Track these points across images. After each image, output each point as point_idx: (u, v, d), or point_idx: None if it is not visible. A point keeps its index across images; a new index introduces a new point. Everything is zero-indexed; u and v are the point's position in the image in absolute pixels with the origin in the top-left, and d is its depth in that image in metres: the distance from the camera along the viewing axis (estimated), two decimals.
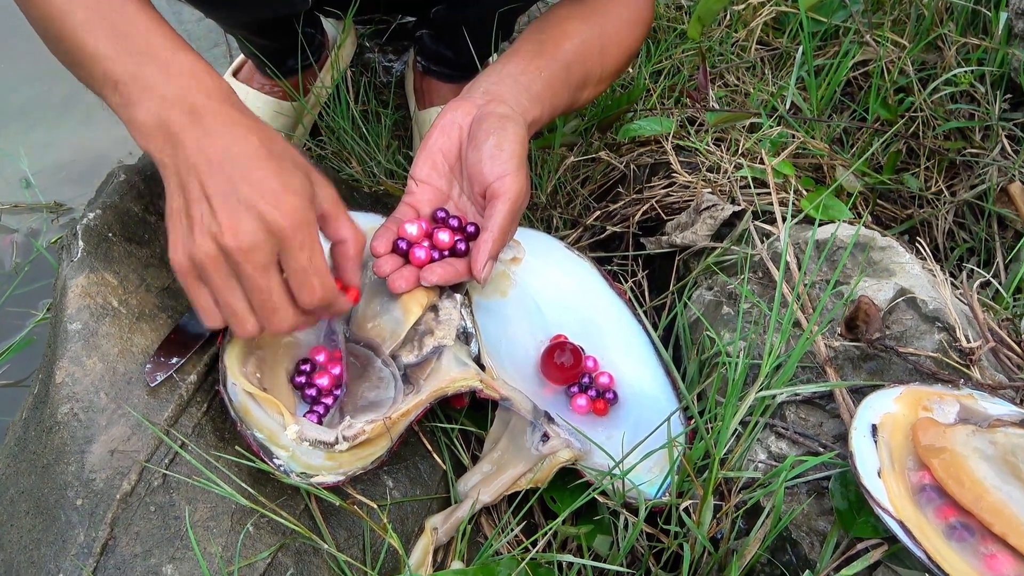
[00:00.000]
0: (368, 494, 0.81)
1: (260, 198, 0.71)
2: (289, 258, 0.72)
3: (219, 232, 0.70)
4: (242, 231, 0.70)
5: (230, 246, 0.70)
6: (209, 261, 0.71)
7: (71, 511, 0.73)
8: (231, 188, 0.71)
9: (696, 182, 1.12)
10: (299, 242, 0.72)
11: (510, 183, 0.83)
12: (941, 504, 0.71)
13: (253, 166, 0.72)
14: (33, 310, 1.27)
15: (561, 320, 0.95)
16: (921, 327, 0.88)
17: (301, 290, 0.73)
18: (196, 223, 0.71)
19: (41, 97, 1.55)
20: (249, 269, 0.71)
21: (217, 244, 0.70)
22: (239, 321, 0.73)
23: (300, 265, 0.72)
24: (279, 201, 0.71)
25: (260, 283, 0.72)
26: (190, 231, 0.71)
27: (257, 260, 0.71)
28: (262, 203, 0.71)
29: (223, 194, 0.71)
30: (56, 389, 0.77)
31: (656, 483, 0.82)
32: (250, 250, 0.70)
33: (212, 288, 0.72)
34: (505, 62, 0.92)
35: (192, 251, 0.71)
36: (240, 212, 0.70)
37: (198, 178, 0.71)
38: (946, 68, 1.30)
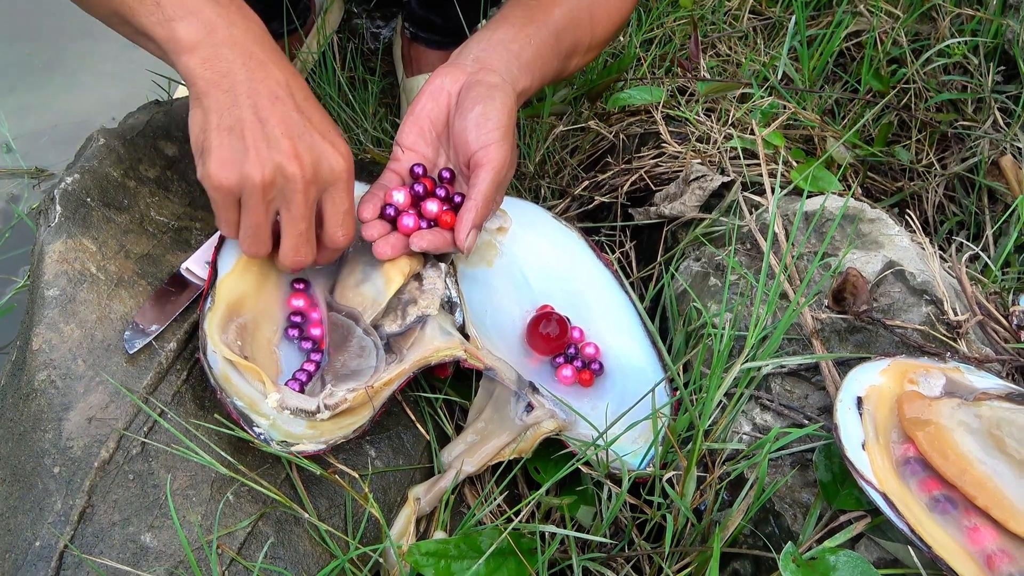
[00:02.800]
0: (350, 463, 0.80)
1: (323, 138, 0.75)
2: (339, 198, 0.77)
3: (283, 157, 0.72)
4: (307, 163, 0.73)
5: (293, 173, 0.73)
6: (262, 181, 0.72)
7: (48, 479, 0.72)
8: (296, 120, 0.74)
9: (685, 152, 1.11)
10: (349, 187, 0.77)
11: (494, 152, 0.82)
12: (925, 477, 0.71)
13: (311, 106, 0.76)
14: (14, 277, 1.26)
15: (547, 290, 0.94)
16: (909, 300, 0.87)
17: (340, 228, 0.78)
18: (254, 144, 0.72)
19: (22, 60, 1.52)
20: (300, 199, 0.74)
21: (277, 167, 0.73)
22: (258, 242, 0.77)
23: (347, 207, 0.78)
24: (339, 143, 0.76)
25: (305, 212, 0.75)
26: (245, 151, 0.72)
27: (311, 193, 0.75)
28: (326, 143, 0.75)
29: (288, 124, 0.73)
30: (33, 356, 0.76)
31: (640, 454, 0.82)
32: (309, 181, 0.74)
33: (249, 206, 0.74)
34: (495, 28, 0.90)
35: (245, 169, 0.72)
36: (304, 145, 0.74)
37: (256, 101, 0.73)
38: (939, 39, 1.29)
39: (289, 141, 0.73)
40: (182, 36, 0.73)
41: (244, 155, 0.72)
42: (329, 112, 1.31)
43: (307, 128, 0.75)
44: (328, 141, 0.75)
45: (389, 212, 0.83)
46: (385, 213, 0.83)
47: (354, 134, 1.31)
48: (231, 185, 0.73)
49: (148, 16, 0.73)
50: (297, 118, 0.74)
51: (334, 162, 0.75)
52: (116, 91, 1.48)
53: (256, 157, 0.72)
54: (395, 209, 0.83)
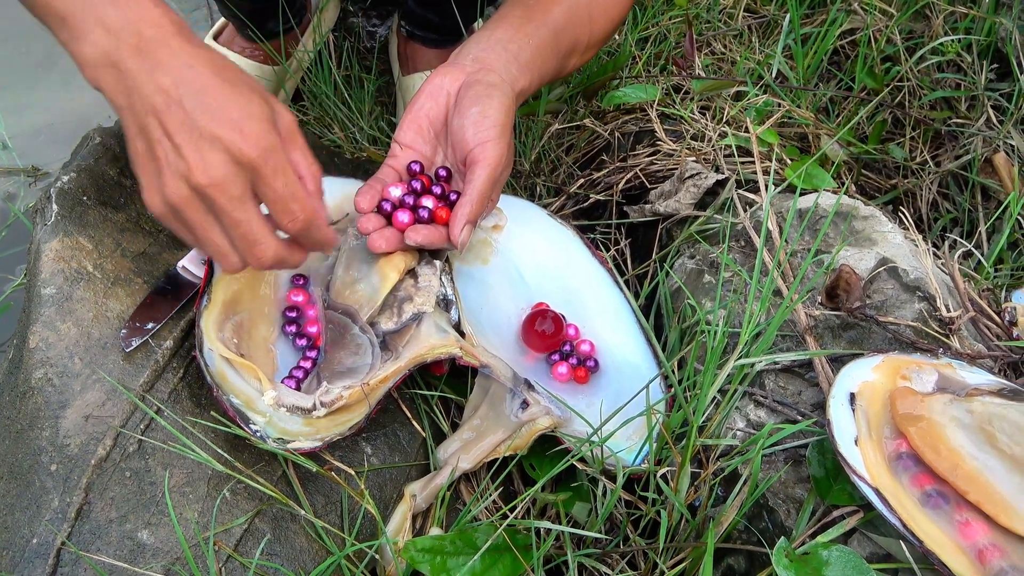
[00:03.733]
0: (346, 461, 0.80)
1: (222, 128, 0.68)
2: (264, 186, 0.70)
3: (187, 171, 0.68)
4: (210, 166, 0.68)
5: (201, 183, 0.68)
6: (183, 202, 0.69)
7: (45, 476, 0.72)
8: (190, 122, 0.68)
9: (680, 150, 1.11)
10: (271, 168, 0.70)
11: (490, 149, 0.82)
12: (917, 472, 0.72)
13: (209, 96, 0.69)
14: (10, 275, 1.26)
15: (543, 288, 0.95)
16: (902, 296, 0.88)
17: (283, 216, 0.72)
18: (163, 164, 0.68)
19: (17, 58, 1.52)
20: (223, 203, 0.69)
21: (188, 183, 0.68)
22: (222, 257, 0.72)
23: (277, 192, 0.71)
24: (242, 129, 0.69)
25: (237, 216, 0.70)
26: (158, 174, 0.69)
27: (231, 193, 0.69)
28: (225, 133, 0.68)
29: (184, 130, 0.68)
30: (30, 354, 0.76)
31: (635, 450, 0.82)
32: (221, 184, 0.68)
33: (191, 228, 0.71)
34: (493, 27, 0.90)
35: (165, 194, 0.69)
36: (204, 146, 0.68)
37: (155, 116, 0.68)
38: (933, 37, 1.29)
39: (188, 149, 0.68)
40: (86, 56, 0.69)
41: (159, 178, 0.69)
42: (325, 111, 1.32)
43: (204, 126, 0.68)
44: (228, 130, 0.69)
45: (385, 207, 0.84)
46: (381, 208, 0.84)
47: (350, 133, 1.31)
48: (164, 211, 0.70)
49: (58, 33, 0.70)
50: (189, 121, 0.68)
51: (238, 152, 0.68)
52: None
53: (168, 177, 0.69)
54: (391, 204, 0.84)
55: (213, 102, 0.69)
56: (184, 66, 0.69)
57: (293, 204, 0.71)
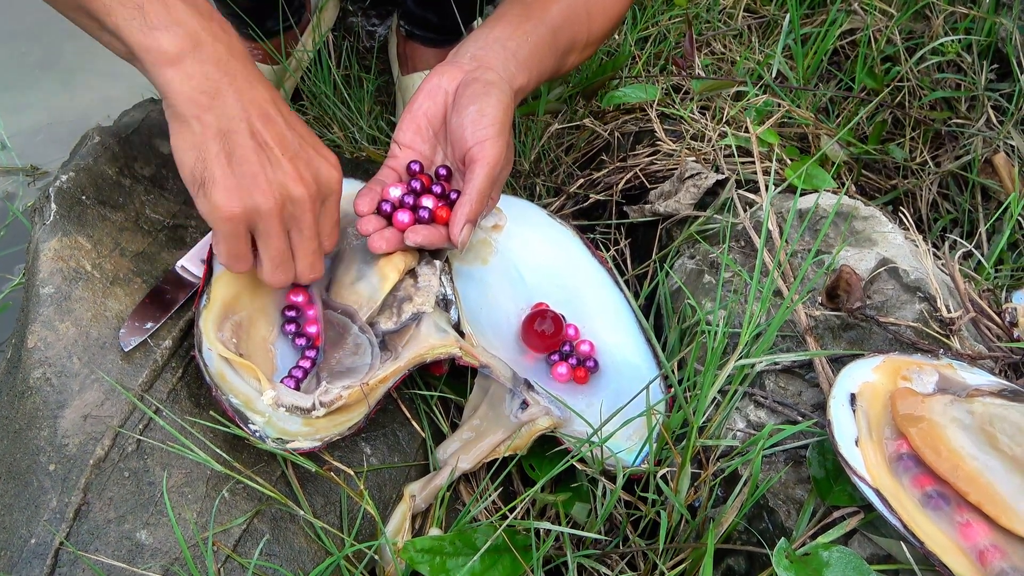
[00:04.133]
0: (345, 461, 0.80)
1: (316, 152, 0.75)
2: (331, 209, 0.78)
3: (289, 181, 0.72)
4: (310, 181, 0.74)
5: (301, 196, 0.73)
6: (275, 208, 0.72)
7: (44, 476, 0.72)
8: (291, 139, 0.74)
9: (680, 150, 1.11)
10: (336, 197, 0.78)
11: (489, 148, 0.82)
12: (918, 473, 0.71)
13: (295, 120, 0.76)
14: (9, 275, 1.25)
15: (543, 288, 0.94)
16: (902, 297, 0.87)
17: (330, 240, 0.79)
18: (259, 170, 0.71)
19: (16, 58, 1.52)
20: (309, 219, 0.75)
21: (285, 193, 0.72)
22: (286, 269, 0.76)
23: (336, 217, 0.79)
24: (329, 155, 0.77)
25: (315, 230, 0.76)
26: (252, 178, 0.71)
27: (316, 210, 0.75)
28: (319, 158, 0.75)
29: (285, 144, 0.73)
30: (28, 354, 0.76)
31: (635, 451, 0.82)
32: (314, 200, 0.75)
33: (268, 234, 0.74)
34: (492, 26, 0.90)
35: (256, 198, 0.71)
36: (303, 163, 0.74)
37: (250, 124, 0.71)
38: (933, 37, 1.29)
39: (290, 162, 0.73)
40: (166, 47, 0.69)
41: (252, 182, 0.71)
42: (324, 110, 1.32)
43: (302, 145, 0.74)
44: (321, 155, 0.76)
45: (385, 208, 0.84)
46: (381, 209, 0.84)
47: (350, 132, 1.31)
48: (243, 214, 0.71)
49: (128, 20, 0.69)
50: (290, 136, 0.74)
51: (328, 176, 0.76)
52: (111, 89, 1.47)
53: (265, 183, 0.71)
54: (391, 205, 0.84)
55: (299, 125, 0.76)
56: (271, 89, 0.75)
57: (337, 229, 0.80)
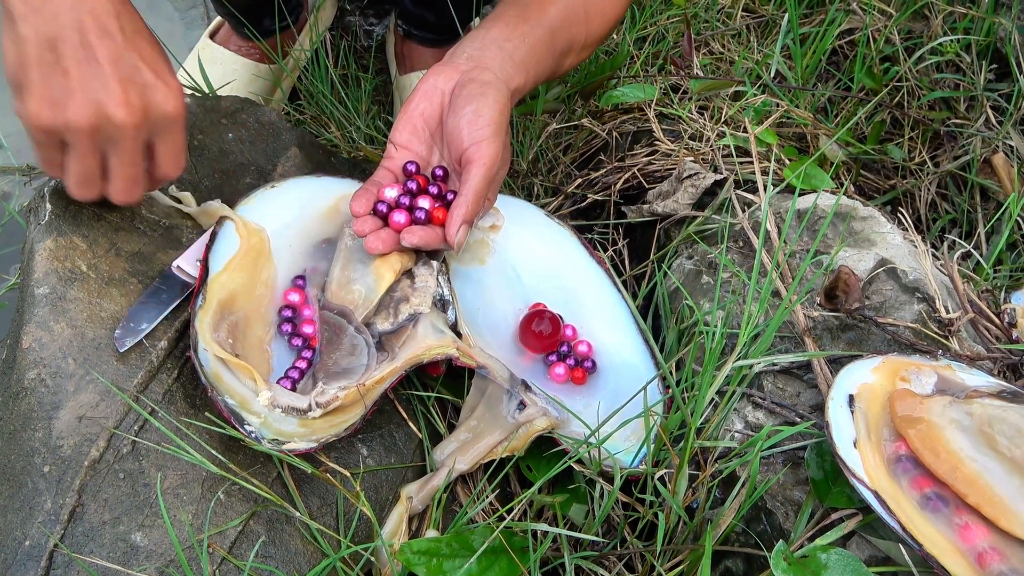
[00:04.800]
0: (342, 462, 0.80)
1: (157, 77, 0.70)
2: (170, 140, 0.74)
3: (111, 102, 0.68)
4: (137, 107, 0.69)
5: (122, 120, 0.69)
6: (87, 126, 0.69)
7: (38, 478, 0.72)
8: (127, 59, 0.69)
9: (678, 150, 1.11)
10: (181, 125, 0.74)
11: (486, 148, 0.81)
12: (916, 475, 0.71)
13: (142, 40, 0.70)
14: (5, 275, 1.25)
15: (540, 288, 0.94)
16: (901, 297, 0.87)
17: (169, 168, 0.76)
18: (79, 84, 0.67)
19: None
20: (129, 144, 0.71)
21: (102, 112, 0.68)
22: (89, 187, 0.74)
23: (178, 147, 0.75)
24: (173, 83, 0.71)
25: (135, 157, 0.72)
26: (68, 91, 0.68)
27: (141, 136, 0.71)
28: (159, 83, 0.70)
29: (118, 63, 0.68)
30: (23, 354, 0.76)
31: (632, 452, 0.82)
32: (139, 126, 0.70)
33: (76, 151, 0.71)
34: (489, 27, 0.90)
35: (69, 113, 0.68)
36: (136, 87, 0.69)
37: (82, 35, 0.67)
38: (932, 37, 1.29)
39: (118, 84, 0.68)
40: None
41: (68, 96, 0.67)
42: (322, 109, 1.32)
43: (138, 67, 0.69)
44: (161, 79, 0.70)
45: (381, 208, 0.83)
46: (377, 209, 0.83)
47: (347, 132, 1.31)
48: (54, 127, 0.68)
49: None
50: (128, 56, 0.68)
51: (167, 105, 0.71)
52: None
53: (82, 100, 0.67)
54: (387, 206, 0.83)
55: (146, 46, 0.71)
56: (120, 3, 0.70)
57: (182, 156, 0.76)
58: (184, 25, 1.61)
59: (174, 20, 1.62)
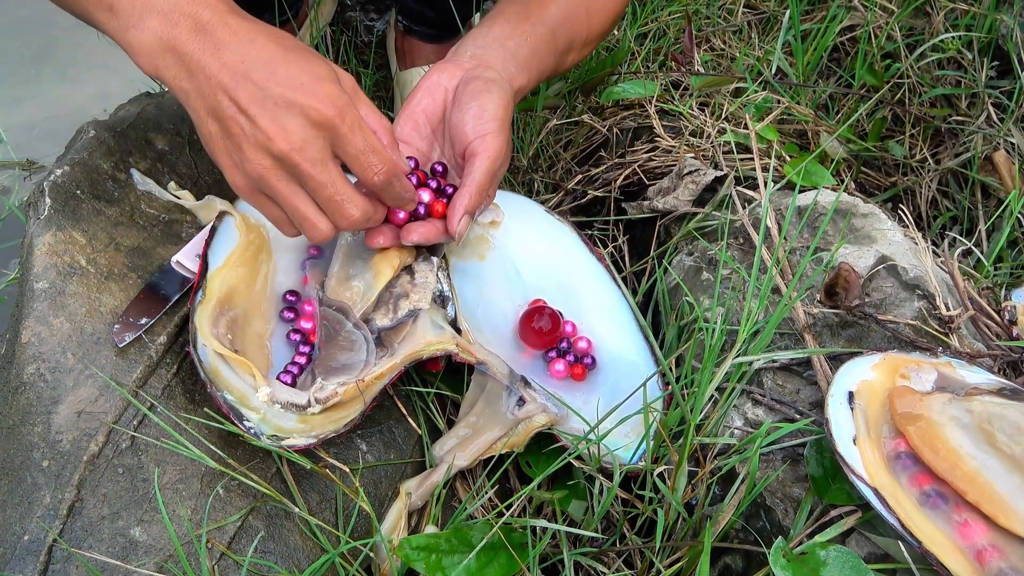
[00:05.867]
0: (341, 458, 0.80)
1: (295, 94, 0.70)
2: (345, 144, 0.71)
3: (267, 140, 0.69)
4: (289, 132, 0.69)
5: (282, 150, 0.69)
6: (268, 173, 0.70)
7: (37, 472, 0.72)
8: (263, 93, 0.69)
9: (679, 147, 1.11)
10: (348, 126, 0.71)
11: (490, 141, 0.81)
12: (916, 472, 0.71)
13: (276, 65, 0.70)
14: (4, 269, 1.25)
15: (540, 284, 0.94)
16: (901, 295, 0.87)
17: (367, 171, 0.73)
18: (241, 139, 0.70)
19: (13, 51, 1.51)
20: (307, 167, 0.70)
21: (269, 153, 0.70)
22: (312, 225, 0.73)
23: (358, 148, 0.72)
24: (315, 91, 0.70)
25: (322, 178, 0.71)
26: (239, 149, 0.70)
27: (313, 156, 0.70)
28: (300, 98, 0.69)
29: (257, 102, 0.69)
30: (22, 349, 0.76)
31: (632, 448, 0.82)
32: (303, 148, 0.70)
33: (277, 198, 0.72)
34: (491, 25, 0.90)
35: (248, 169, 0.70)
36: (280, 114, 0.69)
37: (226, 93, 0.69)
38: (934, 34, 1.29)
39: (264, 120, 0.69)
40: (142, 44, 0.70)
41: (240, 155, 0.71)
42: None
43: (276, 94, 0.69)
44: (301, 94, 0.70)
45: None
46: None
47: None
48: (249, 187, 0.72)
49: (106, 23, 0.71)
50: (267, 89, 0.69)
51: (315, 114, 0.70)
52: (108, 83, 1.47)
53: (249, 150, 0.70)
54: None
55: (282, 70, 0.70)
56: (246, 41, 0.70)
57: (374, 157, 0.73)
58: None
59: None
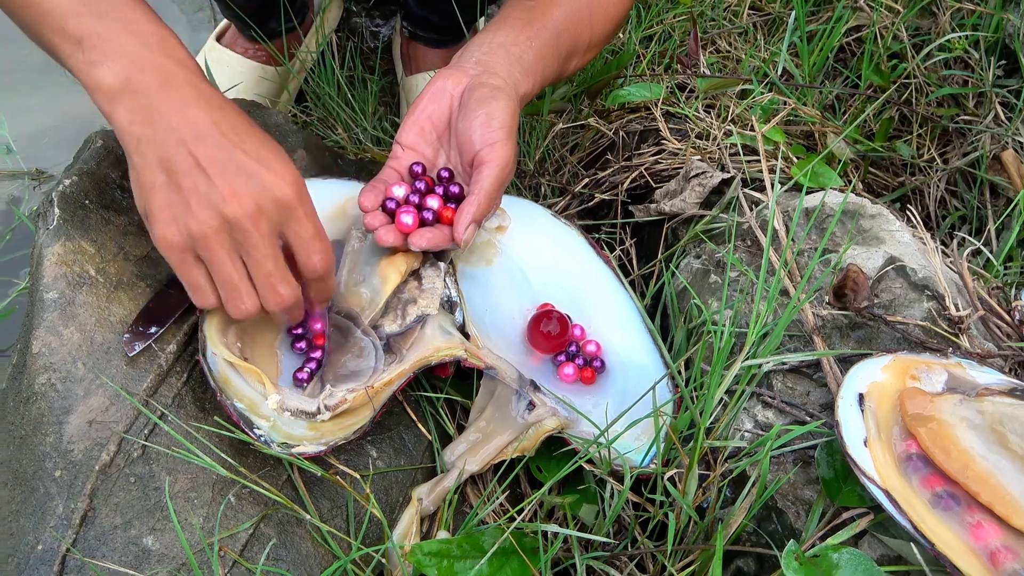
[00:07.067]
0: (351, 464, 0.80)
1: (261, 166, 0.69)
2: (298, 226, 0.71)
3: (221, 201, 0.68)
4: (246, 197, 0.68)
5: (235, 214, 0.68)
6: (211, 232, 0.69)
7: (49, 482, 0.72)
8: (227, 156, 0.69)
9: (685, 149, 1.11)
10: (305, 210, 0.71)
11: (499, 150, 0.82)
12: (927, 474, 0.71)
13: (244, 135, 0.70)
14: (15, 279, 1.25)
15: (548, 288, 0.94)
16: (910, 295, 0.87)
17: (311, 257, 0.73)
18: (191, 194, 0.68)
19: (21, 60, 1.51)
20: (255, 238, 0.69)
21: (219, 214, 0.68)
22: (238, 297, 0.72)
23: (308, 233, 0.72)
24: (280, 169, 0.70)
25: (266, 251, 0.70)
26: (185, 204, 0.68)
27: (264, 228, 0.70)
28: (264, 171, 0.69)
29: (220, 162, 0.68)
30: (33, 359, 0.76)
31: (642, 451, 0.82)
32: (257, 217, 0.69)
33: (212, 262, 0.70)
34: (495, 30, 0.90)
35: (190, 225, 0.68)
36: (241, 180, 0.68)
37: (185, 147, 0.68)
38: (940, 33, 1.28)
39: (223, 180, 0.68)
40: (106, 83, 0.68)
41: (185, 209, 0.68)
42: (328, 111, 1.32)
43: (240, 162, 0.69)
44: (265, 167, 0.70)
45: (390, 206, 0.83)
46: (386, 206, 0.83)
47: (353, 133, 1.31)
48: (180, 242, 0.69)
49: (70, 56, 0.69)
50: (228, 153, 0.69)
51: (278, 190, 0.69)
52: None
53: (197, 207, 0.68)
54: (395, 203, 0.83)
55: (248, 140, 0.70)
56: (216, 107, 0.70)
57: (319, 244, 0.73)
58: (190, 28, 1.62)
59: (180, 23, 1.62)
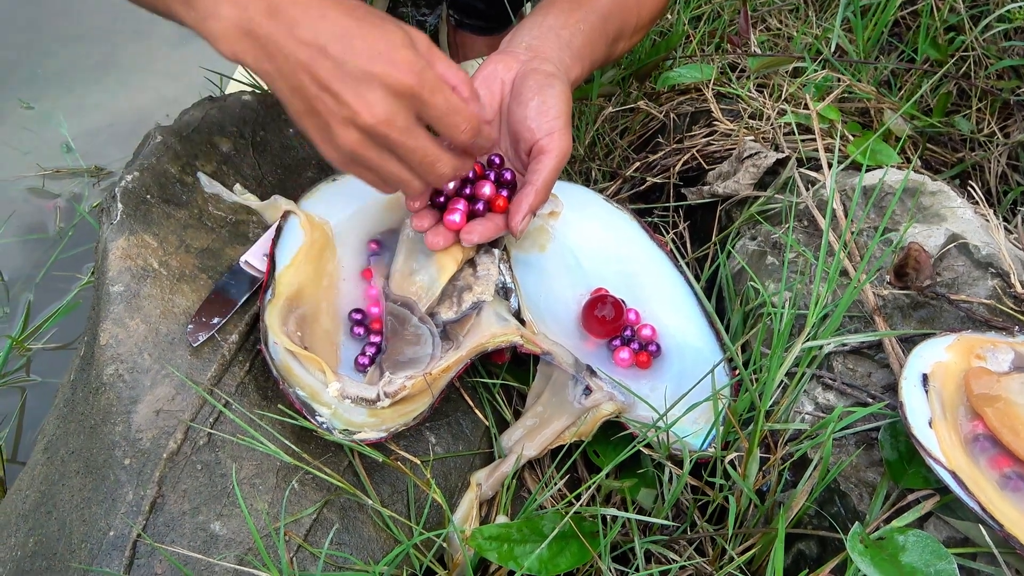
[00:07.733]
0: (411, 450, 0.81)
1: (373, 64, 0.70)
2: (429, 108, 0.72)
3: (353, 115, 0.70)
4: (372, 104, 0.70)
5: (369, 123, 0.70)
6: (358, 146, 0.71)
7: (119, 470, 0.74)
8: (342, 68, 0.70)
9: (738, 130, 1.09)
10: (429, 90, 0.71)
11: (559, 139, 0.82)
12: (995, 454, 0.70)
13: (351, 37, 0.71)
14: (78, 274, 1.29)
15: (601, 273, 0.94)
16: (974, 273, 0.85)
17: (453, 131, 0.74)
18: (328, 116, 0.71)
19: (78, 60, 1.55)
20: (396, 136, 0.71)
21: (357, 127, 0.71)
22: (407, 187, 0.76)
23: (441, 110, 0.73)
24: (393, 60, 0.70)
25: (411, 144, 0.72)
26: (327, 127, 0.71)
27: (399, 125, 0.71)
28: (378, 68, 0.70)
29: (338, 77, 0.70)
30: (101, 351, 0.78)
31: (701, 435, 0.82)
32: (389, 119, 0.71)
33: (372, 167, 0.74)
34: (544, 14, 0.90)
35: (338, 144, 0.72)
36: (361, 87, 0.70)
37: (306, 72, 0.70)
38: (1000, 4, 1.25)
39: (348, 94, 0.70)
40: (220, 34, 0.71)
41: (329, 130, 0.72)
42: None
43: (354, 68, 0.70)
44: (380, 65, 0.70)
45: (439, 200, 0.83)
46: (435, 201, 0.84)
47: None
48: (341, 159, 0.73)
49: (184, 15, 0.73)
50: (346, 64, 0.70)
51: (397, 84, 0.70)
52: (170, 88, 1.50)
53: (336, 127, 0.71)
54: (445, 196, 0.83)
55: (357, 42, 0.70)
56: (318, 17, 0.71)
57: (458, 117, 0.73)
58: None
59: None
